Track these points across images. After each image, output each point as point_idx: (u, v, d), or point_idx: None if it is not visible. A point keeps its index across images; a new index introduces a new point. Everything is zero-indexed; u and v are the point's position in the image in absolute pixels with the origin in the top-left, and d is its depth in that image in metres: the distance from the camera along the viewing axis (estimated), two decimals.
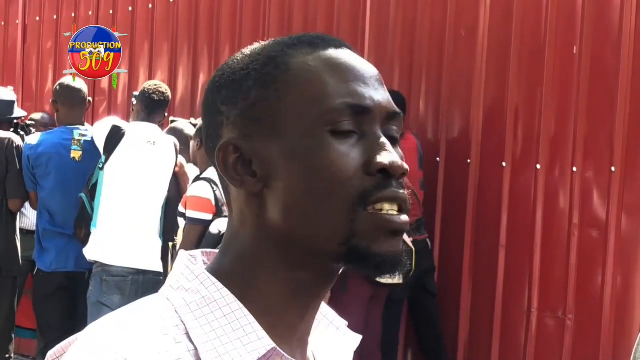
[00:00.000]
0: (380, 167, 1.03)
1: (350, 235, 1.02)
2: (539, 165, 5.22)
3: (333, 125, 1.02)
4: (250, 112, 1.05)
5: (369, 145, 1.03)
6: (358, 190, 1.02)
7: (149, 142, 5.34)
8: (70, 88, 5.74)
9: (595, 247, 5.00)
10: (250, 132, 1.04)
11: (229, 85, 1.07)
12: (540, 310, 5.23)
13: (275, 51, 1.06)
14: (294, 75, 1.04)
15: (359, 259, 1.02)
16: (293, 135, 1.03)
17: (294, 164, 1.02)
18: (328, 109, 1.02)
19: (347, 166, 1.02)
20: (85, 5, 7.79)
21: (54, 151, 5.65)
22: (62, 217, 5.61)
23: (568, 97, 5.12)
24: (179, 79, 7.19)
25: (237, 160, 1.05)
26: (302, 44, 1.07)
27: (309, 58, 1.05)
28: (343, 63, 1.06)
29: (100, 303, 5.20)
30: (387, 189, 1.03)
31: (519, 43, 5.32)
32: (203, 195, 4.78)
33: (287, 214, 1.03)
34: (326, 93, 1.03)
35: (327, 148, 1.02)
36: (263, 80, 1.05)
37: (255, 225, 1.05)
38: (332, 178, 1.01)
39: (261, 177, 1.04)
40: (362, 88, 1.05)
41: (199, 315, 1.01)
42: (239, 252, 1.05)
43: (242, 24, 6.79)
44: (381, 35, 6.03)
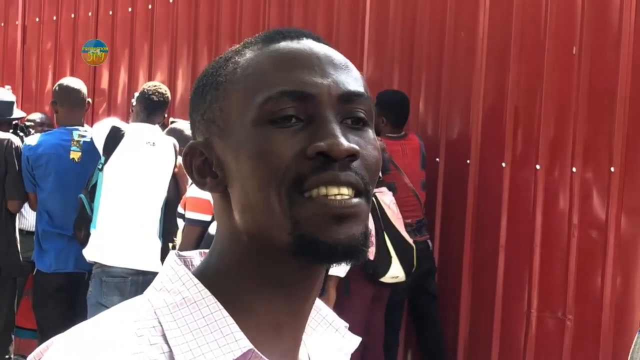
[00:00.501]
0: (316, 150, 0.99)
1: (294, 223, 0.99)
2: (539, 165, 5.22)
3: (272, 115, 1.00)
4: (207, 115, 1.05)
5: (312, 131, 1.00)
6: (293, 175, 0.99)
7: (149, 143, 5.34)
8: (70, 89, 5.74)
9: (595, 248, 4.99)
10: (209, 135, 1.05)
11: (195, 93, 1.09)
12: (540, 310, 5.22)
13: (232, 52, 1.07)
14: (239, 73, 1.04)
15: (307, 248, 0.99)
16: (238, 131, 1.02)
17: (240, 160, 1.01)
18: (265, 98, 1.00)
19: (284, 153, 0.99)
20: (84, 6, 7.79)
21: (53, 152, 5.65)
22: (61, 218, 5.61)
23: (568, 98, 5.12)
24: (179, 80, 7.19)
25: (203, 163, 1.05)
26: (259, 41, 1.06)
27: (256, 53, 1.04)
28: (289, 53, 1.03)
29: (100, 304, 5.20)
30: (325, 171, 0.99)
31: (519, 44, 5.32)
32: (202, 196, 4.78)
33: (243, 212, 1.02)
34: (264, 84, 1.01)
35: (265, 137, 1.00)
36: (216, 82, 1.05)
37: (227, 226, 1.05)
38: (268, 166, 0.99)
39: (221, 178, 1.04)
40: (304, 74, 1.01)
41: (177, 316, 1.01)
42: (220, 253, 1.05)
43: (242, 25, 6.79)
44: (381, 36, 6.03)
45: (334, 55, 1.05)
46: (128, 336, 0.98)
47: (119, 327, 1.00)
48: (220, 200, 1.05)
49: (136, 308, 1.03)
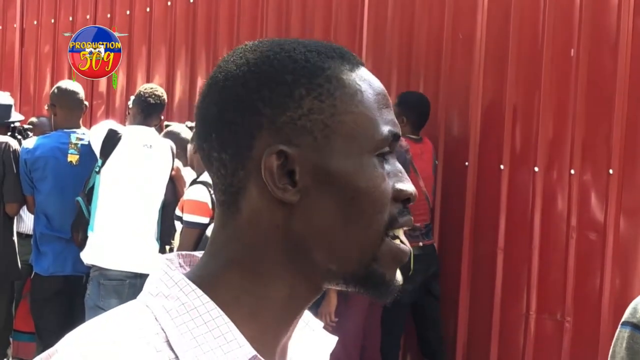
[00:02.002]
0: (407, 195, 1.07)
1: (372, 258, 1.05)
2: (537, 167, 5.22)
3: (379, 150, 1.05)
4: (302, 122, 1.03)
5: (394, 172, 1.07)
6: (389, 215, 1.05)
7: (146, 146, 5.33)
8: (68, 91, 5.74)
9: (594, 250, 4.99)
10: (299, 142, 1.03)
11: (273, 87, 1.03)
12: (539, 312, 5.22)
13: (320, 61, 1.06)
14: (349, 94, 1.05)
15: (373, 284, 1.06)
16: (343, 154, 1.03)
17: (338, 182, 1.03)
18: (381, 136, 1.05)
19: (387, 191, 1.05)
20: (82, 8, 7.80)
21: (51, 155, 5.65)
22: (59, 220, 5.60)
23: (566, 100, 5.12)
24: (177, 83, 7.19)
25: (280, 167, 1.03)
26: (338, 57, 1.08)
27: (354, 77, 1.07)
28: (376, 87, 1.09)
29: (98, 307, 5.19)
30: (406, 216, 1.07)
31: (517, 46, 5.32)
32: (200, 198, 4.78)
33: (319, 228, 1.03)
34: (376, 119, 1.06)
35: (374, 172, 1.04)
36: (318, 92, 1.04)
37: (271, 234, 1.03)
38: (376, 201, 1.04)
39: (301, 188, 1.03)
40: (392, 116, 1.08)
41: (179, 322, 1.00)
42: (235, 257, 1.04)
43: (240, 28, 6.79)
44: (379, 38, 6.03)
45: None
46: (136, 344, 0.98)
47: (125, 335, 0.99)
48: (278, 207, 1.03)
49: (137, 315, 1.02)
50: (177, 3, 7.18)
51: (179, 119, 6.59)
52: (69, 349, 0.99)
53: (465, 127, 5.63)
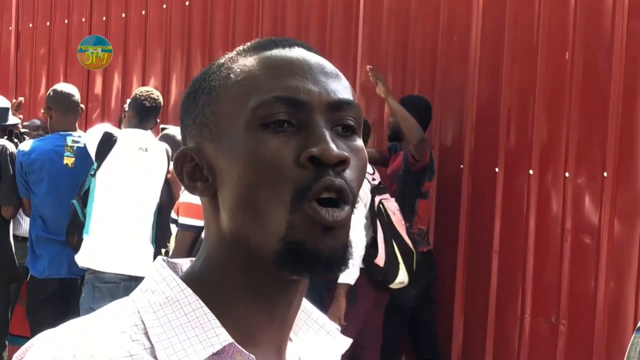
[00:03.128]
0: (309, 155, 1.00)
1: (287, 228, 1.00)
2: (532, 170, 5.23)
3: (264, 119, 1.02)
4: (199, 120, 1.06)
5: (304, 137, 1.02)
6: (295, 184, 1.00)
7: (141, 149, 5.33)
8: (64, 94, 5.74)
9: (588, 252, 5.00)
10: (201, 139, 1.06)
11: (187, 97, 1.10)
12: (534, 315, 5.23)
13: (225, 58, 1.08)
14: (232, 78, 1.05)
15: (292, 257, 1.00)
16: (230, 135, 1.03)
17: (233, 165, 1.02)
18: (258, 103, 1.02)
19: (280, 159, 1.01)
20: (78, 11, 7.80)
21: (47, 157, 5.64)
22: (55, 223, 5.60)
23: (561, 103, 5.14)
24: (172, 85, 7.19)
25: (194, 168, 1.06)
26: (252, 48, 1.08)
27: (249, 59, 1.06)
28: (281, 60, 1.05)
29: (93, 310, 5.11)
30: (322, 177, 1.00)
31: (512, 49, 5.33)
32: (195, 201, 4.76)
33: (231, 216, 1.03)
34: (257, 89, 1.03)
35: (258, 142, 1.01)
36: (209, 87, 1.07)
37: (215, 230, 1.06)
38: (263, 171, 1.01)
39: (211, 182, 1.05)
40: (296, 81, 1.03)
41: (160, 314, 1.02)
42: (206, 256, 1.07)
43: (235, 31, 6.80)
44: (374, 41, 6.04)
45: (325, 64, 1.07)
46: (110, 332, 1.00)
47: (101, 325, 1.01)
48: (209, 204, 1.06)
49: (120, 308, 1.05)
50: (173, 6, 7.19)
51: (175, 122, 6.59)
52: (45, 338, 1.03)
53: (460, 130, 5.64)
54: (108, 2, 7.63)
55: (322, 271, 1.01)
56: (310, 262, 1.00)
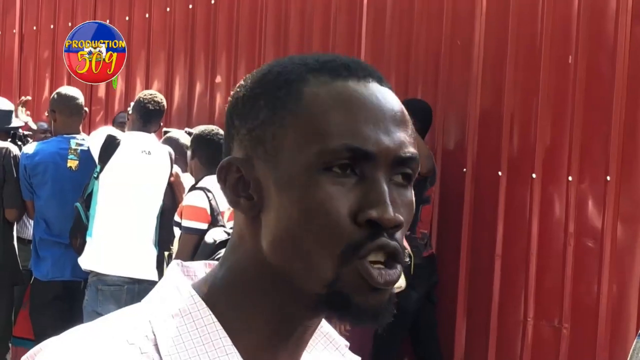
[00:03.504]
0: (367, 218, 0.98)
1: (335, 280, 0.98)
2: (535, 174, 5.22)
3: (329, 163, 0.98)
4: (256, 133, 1.01)
5: (365, 192, 0.98)
6: (348, 239, 0.98)
7: (144, 152, 5.34)
8: (68, 97, 5.75)
9: (591, 256, 5.00)
10: (253, 154, 1.01)
11: (245, 101, 1.04)
12: (537, 319, 5.23)
13: (295, 74, 1.02)
14: (303, 105, 1.00)
15: (337, 304, 0.99)
16: (289, 168, 0.99)
17: (285, 197, 0.99)
18: (327, 148, 0.98)
19: (337, 211, 0.97)
20: (82, 14, 7.81)
21: (51, 160, 5.65)
22: (58, 226, 5.61)
23: (563, 107, 5.13)
24: (176, 89, 7.20)
25: (238, 180, 1.02)
26: (324, 71, 1.02)
27: (322, 89, 1.00)
28: (356, 98, 1.00)
29: (96, 312, 5.19)
30: (378, 238, 0.98)
31: (515, 53, 5.33)
32: (198, 204, 4.78)
33: (275, 246, 1.00)
34: (328, 131, 0.98)
35: (319, 188, 0.98)
36: (273, 104, 1.01)
37: (252, 247, 1.02)
38: (319, 220, 0.98)
39: (256, 202, 1.01)
40: (369, 129, 0.99)
41: (171, 326, 1.00)
42: (233, 267, 1.03)
43: (239, 34, 6.80)
44: (377, 45, 6.04)
45: (397, 108, 1.03)
46: (119, 344, 0.98)
47: (111, 334, 0.99)
48: (250, 220, 1.02)
49: (131, 316, 1.02)
50: (176, 9, 7.20)
51: (178, 125, 6.60)
52: (54, 344, 1.01)
53: (463, 134, 5.64)
54: (112, 5, 7.64)
55: (366, 322, 1.00)
56: (356, 314, 0.99)
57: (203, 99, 7.01)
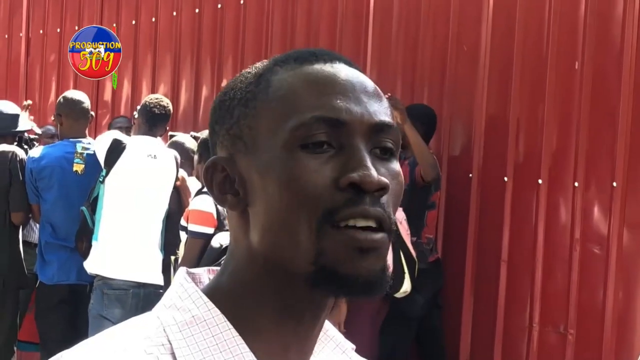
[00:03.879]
0: (349, 181, 0.98)
1: (318, 254, 0.98)
2: (541, 180, 5.22)
3: (304, 140, 0.99)
4: (233, 131, 1.04)
5: (344, 160, 0.99)
6: (326, 205, 0.98)
7: (150, 156, 5.34)
8: (75, 101, 5.76)
9: (597, 262, 4.99)
10: (234, 151, 1.04)
11: (221, 105, 1.07)
12: (542, 325, 5.22)
13: (263, 69, 1.05)
14: (271, 92, 1.02)
15: (328, 280, 0.98)
16: (267, 152, 1.00)
17: (267, 182, 1.00)
18: (298, 123, 0.99)
19: (315, 181, 0.98)
20: (88, 18, 7.82)
21: (57, 164, 5.66)
22: (64, 230, 5.61)
23: (570, 113, 5.13)
24: (182, 93, 7.21)
25: (225, 179, 1.04)
26: (291, 60, 1.04)
27: (290, 74, 1.03)
28: (323, 76, 1.02)
29: (102, 316, 5.20)
30: (357, 205, 0.98)
31: (521, 59, 5.33)
32: (205, 208, 4.78)
33: (264, 234, 1.01)
34: (297, 107, 1.00)
35: (296, 163, 0.99)
36: (245, 99, 1.04)
37: (245, 245, 1.03)
38: (299, 193, 0.98)
39: (242, 196, 1.02)
40: (339, 101, 1.00)
41: (187, 334, 1.00)
42: (233, 271, 1.04)
43: (245, 38, 6.81)
44: (383, 51, 6.04)
45: (367, 83, 1.05)
46: (137, 354, 0.99)
47: (128, 344, 1.00)
48: (239, 218, 1.04)
49: (146, 325, 1.02)
50: (183, 13, 7.21)
51: (184, 129, 6.61)
52: (71, 355, 1.01)
53: (469, 139, 5.64)
54: (118, 8, 7.65)
55: (359, 294, 0.99)
56: (347, 285, 0.99)
57: (209, 103, 7.02)
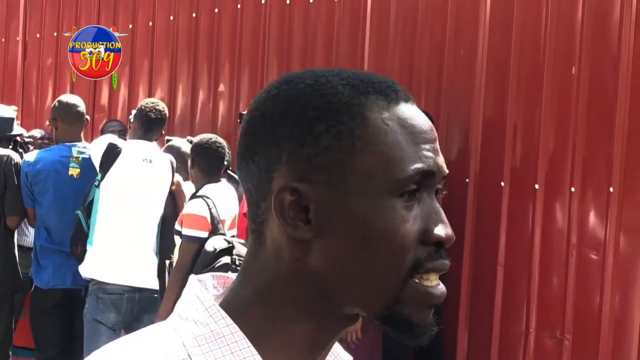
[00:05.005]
0: (437, 239, 1.04)
1: (394, 301, 1.02)
2: (537, 185, 5.21)
3: (402, 190, 1.02)
4: (317, 160, 1.02)
5: (427, 213, 1.04)
6: (413, 258, 1.02)
7: (145, 160, 5.33)
8: (69, 105, 5.75)
9: (593, 267, 4.98)
10: (314, 179, 1.02)
11: (296, 123, 1.03)
12: (538, 330, 5.21)
13: (349, 97, 1.03)
14: (371, 133, 1.02)
15: (398, 325, 1.04)
16: (360, 194, 1.01)
17: (354, 221, 1.01)
18: (403, 175, 1.02)
19: (409, 234, 1.02)
20: (85, 22, 7.81)
21: (52, 168, 5.65)
22: (59, 234, 5.60)
23: (567, 117, 5.13)
24: (179, 97, 7.19)
25: (292, 203, 1.02)
26: (375, 93, 1.04)
27: (385, 115, 1.03)
28: (414, 124, 1.05)
29: (96, 321, 5.19)
30: (437, 260, 1.05)
31: (518, 63, 5.32)
32: (199, 212, 4.78)
33: (334, 267, 1.02)
34: (402, 158, 1.02)
35: (393, 213, 1.01)
36: (337, 130, 1.02)
37: (292, 268, 1.03)
38: (392, 244, 1.01)
39: (315, 226, 1.02)
40: (430, 153, 1.05)
41: (206, 350, 1.00)
42: (264, 288, 1.03)
43: (242, 42, 6.80)
44: (380, 54, 6.03)
45: (433, 129, 1.08)
46: None
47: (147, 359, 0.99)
48: (295, 242, 1.03)
49: (164, 339, 1.02)
50: (180, 17, 7.20)
51: (181, 133, 6.59)
52: None
53: (465, 144, 5.63)
54: (115, 13, 7.64)
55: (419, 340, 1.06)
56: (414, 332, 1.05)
57: (206, 107, 7.01)
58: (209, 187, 4.84)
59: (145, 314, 5.18)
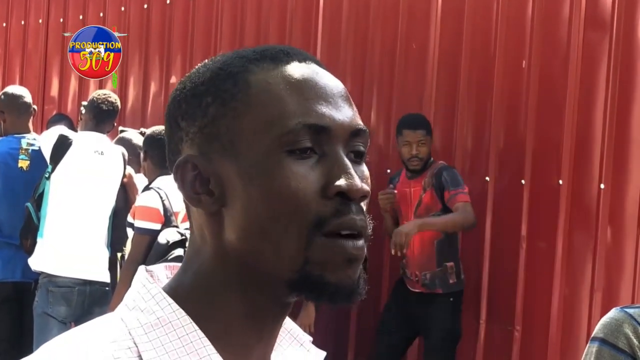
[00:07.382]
0: (337, 190, 0.99)
1: (303, 262, 0.99)
2: (488, 177, 5.26)
3: (290, 146, 0.99)
4: (208, 130, 1.02)
5: (328, 167, 1.00)
6: (315, 215, 0.99)
7: (97, 152, 5.29)
8: (15, 96, 5.68)
9: (543, 259, 5.04)
10: (208, 150, 1.02)
11: (189, 100, 1.04)
12: (489, 322, 5.26)
13: (236, 66, 1.03)
14: (253, 93, 1.01)
15: (311, 287, 1.00)
16: (250, 156, 1.00)
17: (250, 186, 0.99)
18: (285, 130, 0.99)
19: (304, 189, 0.99)
20: (35, 13, 7.73)
21: (1, 160, 5.58)
22: (9, 227, 5.54)
23: (517, 110, 5.18)
24: (130, 89, 7.15)
25: (195, 178, 1.02)
26: (265, 59, 1.04)
27: (269, 75, 1.02)
28: (304, 80, 1.02)
29: (46, 314, 5.14)
30: (345, 215, 1.00)
31: (469, 57, 5.37)
32: (151, 205, 4.75)
33: (242, 236, 1.00)
34: (283, 113, 1.00)
35: (284, 170, 0.99)
36: (222, 98, 1.02)
37: (214, 245, 1.02)
38: (288, 201, 0.98)
39: (218, 196, 1.01)
40: (322, 106, 1.01)
41: (152, 337, 1.00)
42: (198, 271, 1.03)
43: (194, 35, 6.78)
44: (333, 50, 6.04)
45: (341, 86, 1.06)
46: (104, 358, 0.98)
47: (95, 349, 0.98)
48: (208, 217, 1.03)
49: (110, 328, 1.01)
50: (131, 9, 7.15)
51: (132, 125, 6.54)
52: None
53: None
54: (65, 5, 7.56)
55: (342, 301, 1.01)
56: (331, 293, 1.00)
57: (157, 99, 6.97)
58: (161, 179, 4.82)
59: (97, 307, 5.14)
